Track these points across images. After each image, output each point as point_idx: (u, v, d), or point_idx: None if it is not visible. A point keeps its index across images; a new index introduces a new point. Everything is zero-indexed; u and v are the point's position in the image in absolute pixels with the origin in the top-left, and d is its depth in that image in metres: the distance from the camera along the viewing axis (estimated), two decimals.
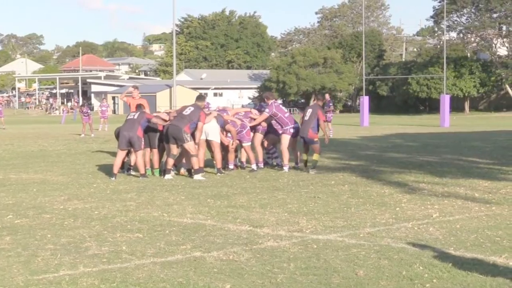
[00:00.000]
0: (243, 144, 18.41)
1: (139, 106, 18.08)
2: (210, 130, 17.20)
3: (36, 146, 28.81)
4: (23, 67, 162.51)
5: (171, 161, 16.81)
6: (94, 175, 17.58)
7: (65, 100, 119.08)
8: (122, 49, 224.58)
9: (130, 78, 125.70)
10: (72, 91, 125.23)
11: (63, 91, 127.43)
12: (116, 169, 16.88)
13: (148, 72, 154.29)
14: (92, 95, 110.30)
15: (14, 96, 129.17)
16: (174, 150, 16.77)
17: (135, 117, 17.13)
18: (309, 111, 18.57)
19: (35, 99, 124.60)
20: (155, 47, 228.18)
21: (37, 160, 21.99)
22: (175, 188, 14.84)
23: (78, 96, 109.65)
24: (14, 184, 15.93)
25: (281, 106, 19.10)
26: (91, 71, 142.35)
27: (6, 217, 11.35)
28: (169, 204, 12.56)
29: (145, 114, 17.38)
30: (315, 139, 18.17)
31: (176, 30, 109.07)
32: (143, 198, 13.44)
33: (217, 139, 17.34)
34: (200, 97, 17.75)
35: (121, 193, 14.12)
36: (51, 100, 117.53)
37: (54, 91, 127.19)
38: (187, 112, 16.83)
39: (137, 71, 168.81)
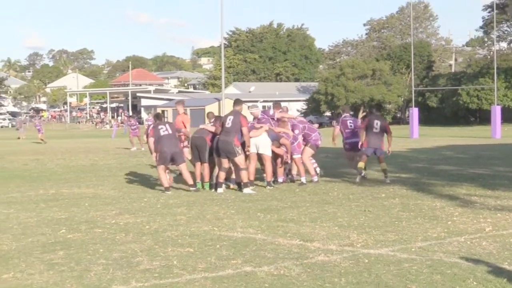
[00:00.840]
0: (294, 156, 18.37)
1: (156, 116, 17.96)
2: (261, 143, 17.16)
3: (87, 160, 29.14)
4: (74, 82, 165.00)
5: (222, 175, 16.83)
6: (145, 189, 17.70)
7: (115, 114, 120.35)
8: (171, 63, 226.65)
9: (180, 91, 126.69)
10: (122, 105, 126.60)
11: (114, 105, 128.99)
12: (166, 183, 16.96)
13: (197, 86, 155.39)
14: (142, 109, 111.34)
15: (66, 110, 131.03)
16: (226, 163, 16.79)
17: (170, 131, 17.19)
18: (377, 123, 18.69)
19: (86, 113, 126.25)
20: (203, 60, 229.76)
21: (89, 175, 22.24)
22: (225, 202, 14.86)
23: (128, 110, 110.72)
24: (67, 198, 16.12)
25: (348, 121, 20.18)
26: (140, 85, 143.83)
27: (59, 231, 11.49)
28: (219, 218, 12.58)
29: (173, 124, 17.55)
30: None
31: (224, 43, 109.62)
32: (194, 212, 13.48)
33: (268, 153, 17.30)
34: (238, 102, 17.56)
35: (172, 207, 14.19)
36: (101, 114, 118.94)
37: (104, 105, 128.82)
38: (229, 124, 16.74)
39: (186, 84, 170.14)
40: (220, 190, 16.65)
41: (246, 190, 16.41)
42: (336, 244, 10.01)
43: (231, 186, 17.55)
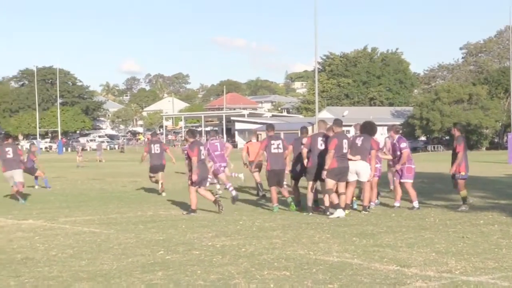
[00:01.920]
0: (402, 180, 18.11)
1: (192, 132, 18.74)
2: (361, 170, 17.01)
3: (183, 183, 29.48)
4: (170, 105, 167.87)
5: (335, 196, 16.51)
6: (240, 212, 17.84)
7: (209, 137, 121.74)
8: (264, 87, 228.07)
9: (273, 116, 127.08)
10: (216, 128, 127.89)
11: (208, 129, 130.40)
12: (195, 205, 17.84)
13: (291, 110, 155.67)
14: (236, 132, 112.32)
15: (162, 134, 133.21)
16: (333, 185, 16.62)
17: (205, 155, 18.37)
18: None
19: (181, 136, 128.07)
20: (297, 84, 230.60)
21: (185, 197, 22.49)
22: (320, 226, 14.83)
23: (222, 134, 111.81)
24: (164, 220, 16.41)
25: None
26: (234, 109, 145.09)
27: (158, 252, 11.69)
28: (314, 242, 12.57)
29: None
30: None
31: (318, 68, 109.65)
32: (289, 235, 13.50)
33: (368, 179, 17.20)
34: (339, 122, 17.18)
35: (267, 230, 14.25)
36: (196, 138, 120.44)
37: (199, 129, 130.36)
38: (346, 149, 16.65)
39: (279, 108, 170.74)
40: (341, 213, 16.28)
41: (338, 212, 16.26)
42: (434, 271, 9.86)
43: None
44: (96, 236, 13.87)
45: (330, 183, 16.52)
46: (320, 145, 17.00)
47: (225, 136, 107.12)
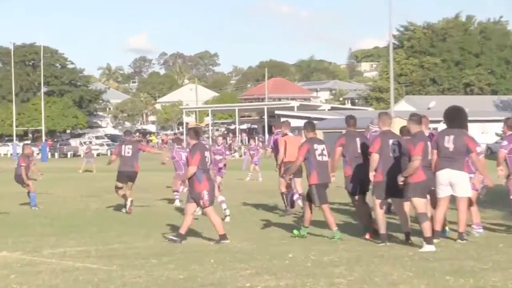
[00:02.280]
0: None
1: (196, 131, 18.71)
2: (458, 181, 16.73)
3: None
4: (192, 95, 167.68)
5: (427, 226, 16.12)
6: (288, 240, 17.71)
7: (246, 138, 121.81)
8: (320, 70, 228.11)
9: (332, 108, 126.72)
10: (255, 126, 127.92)
11: (244, 126, 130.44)
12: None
13: (356, 100, 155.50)
14: None
15: (182, 133, 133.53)
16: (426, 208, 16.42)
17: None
18: None
19: (207, 137, 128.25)
20: (364, 66, 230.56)
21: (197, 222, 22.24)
22: (399, 260, 14.69)
23: (264, 133, 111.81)
24: (184, 251, 16.35)
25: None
26: (280, 99, 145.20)
27: None
28: (393, 283, 12.42)
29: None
30: None
31: (394, 43, 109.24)
32: (357, 273, 13.35)
33: (467, 194, 16.85)
34: (417, 118, 16.71)
35: (327, 266, 14.12)
36: (228, 139, 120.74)
37: (232, 126, 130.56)
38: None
39: (341, 98, 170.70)
40: (429, 248, 15.92)
41: (428, 247, 15.94)
42: None
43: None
44: (93, 274, 13.83)
45: (419, 203, 16.15)
46: (393, 151, 16.64)
47: (266, 136, 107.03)
